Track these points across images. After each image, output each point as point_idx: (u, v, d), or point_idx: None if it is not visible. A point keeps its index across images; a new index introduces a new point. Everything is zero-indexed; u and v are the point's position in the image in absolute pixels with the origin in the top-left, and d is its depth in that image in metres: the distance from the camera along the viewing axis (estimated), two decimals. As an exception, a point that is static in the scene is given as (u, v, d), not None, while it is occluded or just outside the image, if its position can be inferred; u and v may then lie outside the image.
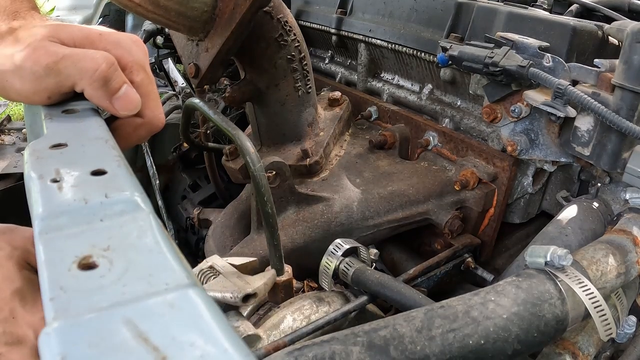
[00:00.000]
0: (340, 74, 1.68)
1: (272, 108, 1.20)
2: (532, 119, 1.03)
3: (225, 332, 0.29)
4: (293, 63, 1.16)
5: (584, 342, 0.80)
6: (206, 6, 1.02)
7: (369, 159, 1.27)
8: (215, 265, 0.79)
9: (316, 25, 1.65)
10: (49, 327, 0.28)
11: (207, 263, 0.80)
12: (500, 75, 0.97)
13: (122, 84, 0.56)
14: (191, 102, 0.95)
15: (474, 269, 1.12)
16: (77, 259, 0.33)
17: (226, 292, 0.72)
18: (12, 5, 0.57)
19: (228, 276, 0.76)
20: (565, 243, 0.94)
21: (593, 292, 0.71)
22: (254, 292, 0.73)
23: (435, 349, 0.62)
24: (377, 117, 1.42)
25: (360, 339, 0.62)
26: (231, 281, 0.75)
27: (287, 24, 1.12)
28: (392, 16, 1.40)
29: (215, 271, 0.78)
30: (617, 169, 0.92)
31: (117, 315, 0.29)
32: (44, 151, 0.46)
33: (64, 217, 0.37)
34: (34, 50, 0.53)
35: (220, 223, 1.18)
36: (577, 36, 0.98)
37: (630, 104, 0.85)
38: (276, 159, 1.03)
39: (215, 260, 0.81)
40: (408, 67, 1.41)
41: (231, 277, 0.76)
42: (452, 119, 1.29)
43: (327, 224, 1.07)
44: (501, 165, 1.12)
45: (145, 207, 0.39)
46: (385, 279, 0.84)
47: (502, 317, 0.66)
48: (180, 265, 0.34)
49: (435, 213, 1.15)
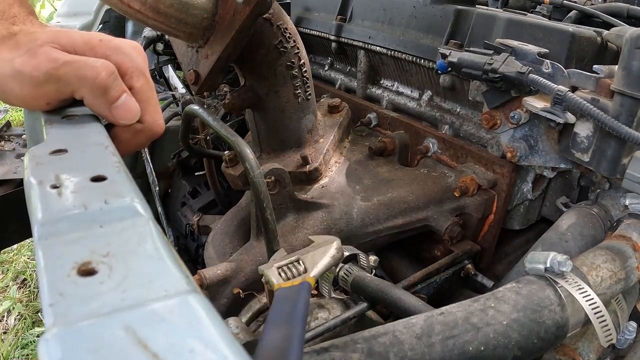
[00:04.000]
0: (339, 80, 1.68)
1: (272, 115, 1.20)
2: (532, 125, 1.03)
3: (225, 338, 0.29)
4: (293, 70, 1.16)
5: (584, 348, 0.80)
6: (206, 13, 1.03)
7: (368, 166, 1.27)
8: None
9: (316, 32, 1.66)
10: (48, 333, 0.28)
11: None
12: (500, 81, 0.98)
13: (122, 92, 0.56)
14: (191, 108, 0.95)
15: (474, 275, 1.12)
16: (77, 265, 0.33)
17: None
18: (10, 10, 0.57)
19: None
20: (565, 249, 0.94)
21: (593, 298, 0.71)
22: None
23: (435, 355, 0.62)
24: (376, 123, 1.43)
25: (360, 345, 0.62)
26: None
27: (286, 31, 1.13)
28: (391, 23, 1.41)
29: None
30: (616, 174, 0.92)
31: (117, 321, 0.29)
32: (43, 157, 0.46)
33: (63, 223, 0.37)
34: (35, 55, 0.53)
35: (219, 230, 1.17)
36: (576, 42, 0.99)
37: (629, 110, 0.85)
38: (276, 166, 1.02)
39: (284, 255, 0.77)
40: (407, 74, 1.42)
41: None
42: (452, 125, 1.29)
43: (326, 230, 1.07)
44: (501, 171, 1.12)
45: (145, 213, 0.39)
46: (384, 286, 0.84)
47: (502, 323, 0.66)
48: (180, 271, 0.34)
49: (435, 219, 1.15)
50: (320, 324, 0.79)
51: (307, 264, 0.71)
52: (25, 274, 2.82)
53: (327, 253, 0.73)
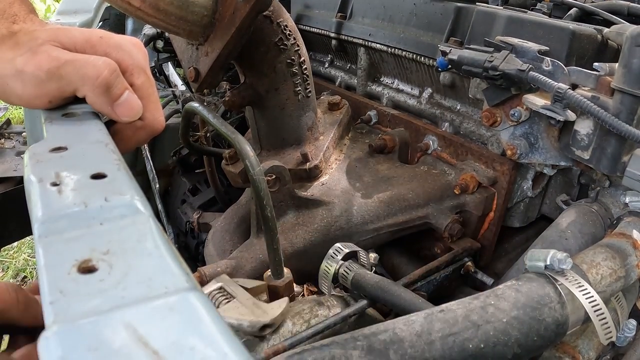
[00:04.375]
0: (340, 78, 1.68)
1: (272, 112, 1.20)
2: (532, 123, 1.03)
3: (225, 336, 0.29)
4: (293, 67, 1.16)
5: (584, 346, 0.80)
6: (206, 10, 1.03)
7: (368, 163, 1.27)
8: (226, 287, 0.75)
9: (316, 30, 1.66)
10: (49, 330, 0.28)
11: (217, 284, 0.76)
12: (500, 79, 0.97)
13: (124, 90, 0.56)
14: (191, 106, 0.95)
15: (474, 273, 1.12)
16: (77, 263, 0.33)
17: (243, 321, 0.69)
18: (10, 9, 0.57)
19: (242, 301, 0.73)
20: (565, 247, 0.94)
21: (593, 295, 0.71)
22: (272, 322, 0.70)
23: (435, 353, 0.62)
24: (376, 121, 1.42)
25: (360, 343, 0.62)
26: (247, 307, 0.72)
27: (287, 28, 1.12)
28: (391, 20, 1.40)
29: (227, 294, 0.74)
30: (616, 172, 0.92)
31: (117, 319, 0.29)
32: (44, 154, 0.46)
33: (63, 220, 0.37)
34: (36, 54, 0.53)
35: (220, 227, 1.18)
36: (576, 40, 0.98)
37: (629, 108, 0.85)
38: (276, 163, 1.02)
39: (224, 281, 0.77)
40: (408, 71, 1.41)
41: (246, 302, 0.73)
42: (452, 122, 1.29)
43: (326, 228, 1.07)
44: (501, 169, 1.12)
45: (145, 210, 0.39)
46: (385, 283, 0.84)
47: (502, 321, 0.66)
48: (180, 269, 0.34)
49: (435, 217, 1.15)
50: (320, 321, 0.79)
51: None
52: (25, 271, 2.83)
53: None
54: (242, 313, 0.71)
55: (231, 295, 0.74)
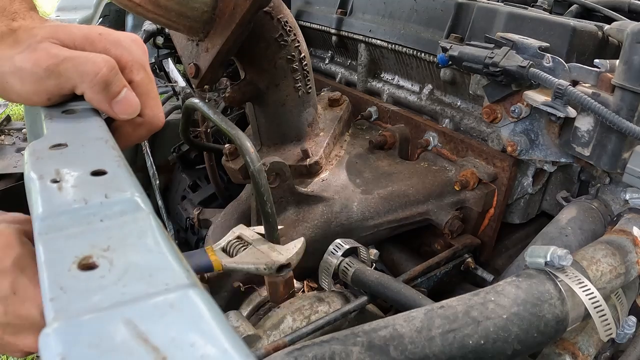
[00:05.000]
0: (340, 74, 1.68)
1: (272, 108, 1.20)
2: (532, 119, 1.03)
3: (225, 332, 0.29)
4: (293, 63, 1.16)
5: (584, 343, 0.80)
6: (206, 6, 1.02)
7: (369, 159, 1.27)
8: (243, 235, 0.78)
9: (316, 26, 1.65)
10: (49, 327, 0.28)
11: (234, 233, 0.80)
12: (500, 75, 0.97)
13: (122, 87, 0.56)
14: (191, 102, 0.95)
15: (474, 269, 1.12)
16: (77, 259, 0.33)
17: (259, 264, 0.72)
18: (11, 6, 0.57)
19: (258, 246, 0.76)
20: (565, 243, 0.94)
21: (593, 292, 0.71)
22: (288, 262, 0.73)
23: (435, 349, 0.62)
24: (377, 117, 1.42)
25: (360, 339, 0.62)
26: (262, 251, 0.74)
27: (287, 24, 1.12)
28: (392, 16, 1.40)
29: (244, 241, 0.77)
30: (617, 169, 0.92)
31: (117, 315, 0.29)
32: (44, 151, 0.46)
33: (64, 217, 0.37)
34: (35, 51, 0.53)
35: (220, 223, 1.18)
36: (577, 36, 0.98)
37: (630, 104, 0.85)
38: (276, 159, 1.02)
39: (242, 230, 0.80)
40: (408, 68, 1.41)
41: (261, 246, 0.76)
42: (452, 119, 1.29)
43: (327, 224, 1.07)
44: (501, 165, 1.12)
45: (145, 207, 0.39)
46: (385, 279, 0.84)
47: (502, 317, 0.66)
48: (180, 265, 0.34)
49: (435, 213, 1.15)
50: (320, 317, 0.79)
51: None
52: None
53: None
54: (258, 257, 0.74)
55: (247, 242, 0.77)
